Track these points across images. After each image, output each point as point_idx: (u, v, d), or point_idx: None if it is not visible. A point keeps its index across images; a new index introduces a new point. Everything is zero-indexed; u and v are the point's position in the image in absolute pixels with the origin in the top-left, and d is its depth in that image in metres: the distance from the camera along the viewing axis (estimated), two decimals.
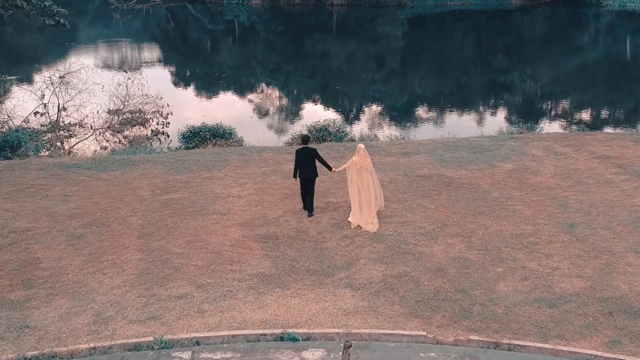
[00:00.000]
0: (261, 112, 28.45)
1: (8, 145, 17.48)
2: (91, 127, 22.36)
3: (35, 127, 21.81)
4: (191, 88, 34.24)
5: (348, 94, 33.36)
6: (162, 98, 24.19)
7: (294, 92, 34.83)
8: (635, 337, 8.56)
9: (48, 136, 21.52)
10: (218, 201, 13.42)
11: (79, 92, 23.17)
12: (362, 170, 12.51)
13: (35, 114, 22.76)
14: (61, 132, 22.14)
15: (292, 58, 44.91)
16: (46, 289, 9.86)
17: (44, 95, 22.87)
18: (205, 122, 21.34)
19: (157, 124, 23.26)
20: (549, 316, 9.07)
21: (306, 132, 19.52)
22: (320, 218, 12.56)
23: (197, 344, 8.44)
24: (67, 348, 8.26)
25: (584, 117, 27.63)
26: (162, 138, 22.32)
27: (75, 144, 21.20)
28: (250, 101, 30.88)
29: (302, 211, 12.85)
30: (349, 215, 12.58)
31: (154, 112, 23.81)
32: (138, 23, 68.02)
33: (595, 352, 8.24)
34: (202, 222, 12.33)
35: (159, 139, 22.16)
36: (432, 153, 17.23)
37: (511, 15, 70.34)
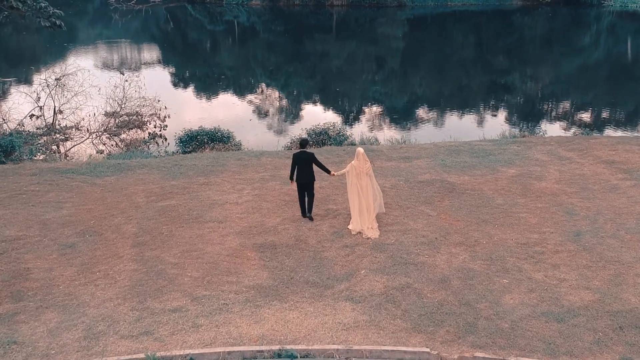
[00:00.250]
0: (260, 114, 28.12)
1: (2, 150, 17.13)
2: (87, 130, 22.03)
3: (30, 130, 21.49)
4: (190, 89, 33.91)
5: (348, 95, 33.04)
6: (159, 101, 23.87)
7: (294, 93, 34.51)
8: None
9: (44, 139, 21.18)
10: (215, 208, 13.08)
11: (75, 94, 22.86)
12: (361, 175, 12.21)
13: (30, 116, 22.44)
14: (57, 135, 21.81)
15: (291, 59, 44.59)
16: (36, 302, 9.52)
17: (39, 98, 22.54)
18: (203, 125, 21.02)
19: (155, 127, 22.94)
20: (557, 331, 8.73)
21: (305, 136, 19.21)
22: (319, 226, 12.22)
23: None
24: None
25: (587, 119, 27.28)
26: (160, 141, 22.01)
27: (71, 148, 20.86)
28: (250, 103, 30.55)
29: (301, 219, 12.52)
30: (349, 223, 12.31)
31: (152, 114, 23.50)
32: (137, 23, 67.68)
33: None
34: (198, 231, 11.99)
35: (156, 142, 21.85)
36: (433, 157, 16.90)
37: (512, 16, 69.98)
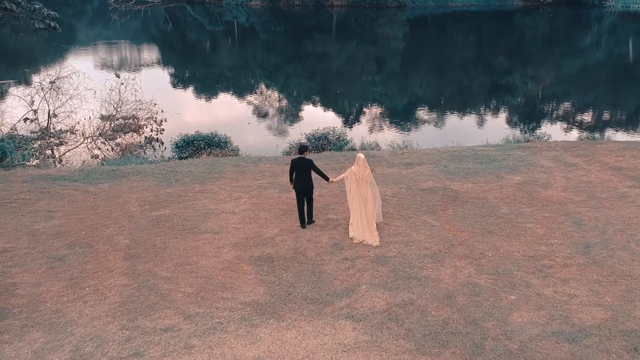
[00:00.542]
0: (259, 116, 27.68)
1: None
2: (82, 135, 21.59)
3: (24, 135, 21.06)
4: (188, 91, 33.47)
5: (348, 97, 32.60)
6: (155, 104, 23.44)
7: (293, 95, 34.07)
8: None
9: (37, 144, 20.76)
10: (210, 218, 12.64)
11: (71, 97, 22.43)
12: (360, 181, 11.80)
13: (25, 120, 22.01)
14: (51, 140, 21.36)
15: (291, 60, 44.16)
16: (21, 320, 9.08)
17: (33, 101, 22.10)
18: (200, 128, 20.62)
19: (151, 131, 22.50)
20: (568, 352, 8.29)
21: (305, 142, 18.82)
22: (318, 237, 11.78)
23: None
24: None
25: (591, 122, 26.81)
26: (157, 145, 21.58)
27: (66, 152, 20.43)
28: (249, 104, 30.13)
29: (300, 229, 12.08)
30: (350, 231, 11.91)
31: (148, 118, 23.07)
32: (136, 24, 67.20)
33: None
34: (193, 242, 11.55)
35: (152, 147, 21.41)
36: (436, 164, 16.46)
37: (513, 17, 69.52)
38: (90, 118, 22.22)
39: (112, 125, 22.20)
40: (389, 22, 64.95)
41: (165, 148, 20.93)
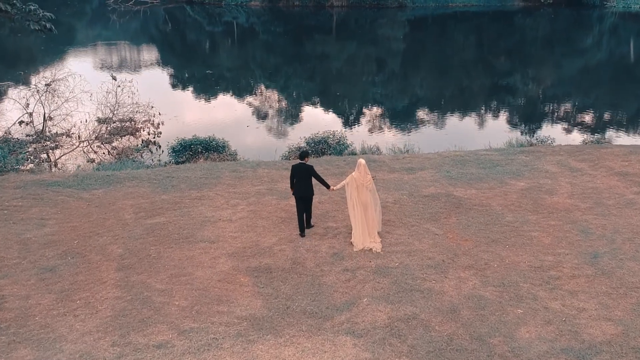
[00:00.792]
0: (258, 118, 27.33)
1: None
2: (78, 138, 21.23)
3: (19, 138, 20.71)
4: (186, 93, 33.12)
5: (348, 98, 32.24)
6: (153, 107, 23.09)
7: (293, 96, 33.73)
8: None
9: (33, 147, 20.41)
10: (207, 226, 12.29)
11: (67, 100, 22.06)
12: (361, 188, 11.46)
13: (20, 123, 21.66)
14: (47, 143, 21.02)
15: (291, 60, 43.81)
16: (8, 336, 8.72)
17: (28, 104, 21.75)
18: (198, 131, 20.31)
19: (148, 134, 22.15)
20: None
21: (305, 146, 18.50)
22: (318, 246, 11.43)
23: None
24: None
25: (595, 125, 26.44)
26: (154, 149, 21.25)
27: (61, 156, 20.08)
28: (248, 106, 29.79)
29: (298, 239, 11.73)
30: (351, 237, 11.59)
31: (145, 121, 22.72)
32: (135, 24, 66.80)
33: None
34: (188, 252, 11.20)
35: (149, 150, 21.08)
36: (438, 169, 16.12)
37: (514, 17, 69.14)
38: (86, 121, 21.87)
39: (109, 128, 21.84)
40: (389, 22, 64.58)
41: (162, 151, 20.61)
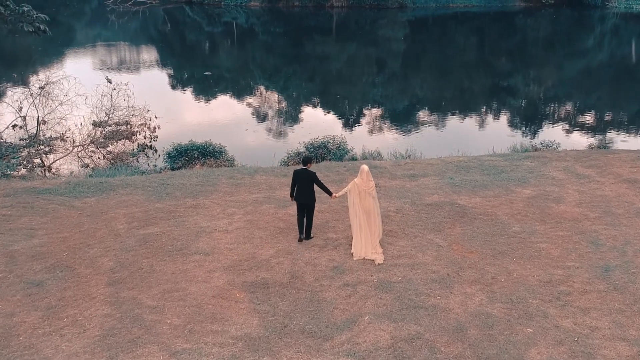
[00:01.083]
0: (257, 121, 26.87)
1: None
2: (72, 142, 20.76)
3: (12, 142, 20.24)
4: (185, 94, 32.64)
5: (348, 100, 31.77)
6: (149, 110, 22.63)
7: (292, 97, 33.27)
8: None
9: (26, 152, 19.94)
10: (202, 237, 11.83)
11: (61, 103, 21.57)
12: (364, 194, 11.02)
13: (13, 127, 21.19)
14: (40, 147, 20.54)
15: (291, 61, 43.35)
16: None
17: (21, 108, 21.27)
18: (195, 135, 19.85)
19: (144, 138, 21.68)
20: None
21: (305, 152, 18.07)
22: (317, 259, 10.97)
23: None
24: None
25: (601, 129, 25.98)
26: (150, 153, 20.79)
27: (55, 161, 19.62)
28: (247, 107, 29.34)
29: (297, 251, 11.27)
30: (351, 246, 11.16)
31: (141, 124, 22.24)
32: (135, 25, 66.30)
33: None
34: (182, 265, 10.74)
35: (145, 154, 20.62)
36: (441, 175, 15.66)
37: (515, 18, 68.68)
38: (81, 125, 21.41)
39: (104, 132, 21.36)
40: (390, 23, 64.10)
41: (159, 156, 20.15)
